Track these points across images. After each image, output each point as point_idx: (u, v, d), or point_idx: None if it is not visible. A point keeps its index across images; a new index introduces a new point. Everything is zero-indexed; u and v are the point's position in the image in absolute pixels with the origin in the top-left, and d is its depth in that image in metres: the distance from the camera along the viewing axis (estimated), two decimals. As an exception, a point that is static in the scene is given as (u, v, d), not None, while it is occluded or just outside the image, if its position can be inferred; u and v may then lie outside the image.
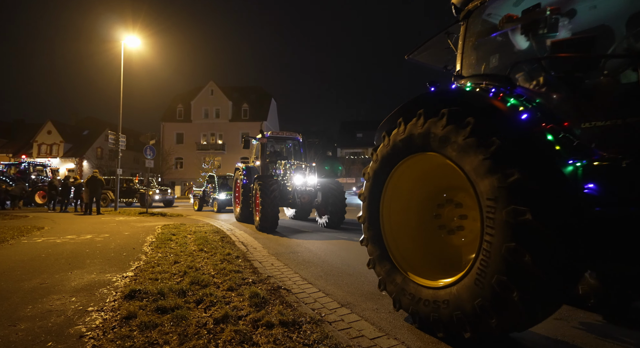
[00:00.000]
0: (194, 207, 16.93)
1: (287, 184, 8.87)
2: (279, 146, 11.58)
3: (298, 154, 10.88)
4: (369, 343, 2.33)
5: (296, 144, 11.06)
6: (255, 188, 8.55)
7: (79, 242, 6.21)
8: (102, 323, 2.55)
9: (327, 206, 8.85)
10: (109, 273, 3.99)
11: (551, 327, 2.60)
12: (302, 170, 8.79)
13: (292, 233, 7.95)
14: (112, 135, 14.52)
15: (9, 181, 16.43)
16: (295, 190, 8.63)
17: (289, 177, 8.89)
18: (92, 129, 41.92)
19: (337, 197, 8.71)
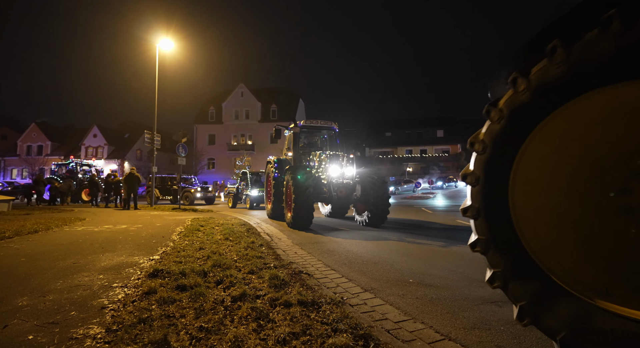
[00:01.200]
0: (228, 204, 16.95)
1: (321, 177, 7.86)
2: (312, 137, 10.28)
3: (334, 145, 9.63)
4: (393, 326, 2.15)
5: (332, 134, 9.82)
6: (287, 180, 7.67)
7: (114, 230, 6.50)
8: (124, 297, 2.57)
9: (367, 201, 7.69)
10: (137, 256, 4.09)
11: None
12: (339, 161, 7.76)
13: (327, 231, 7.08)
14: (148, 135, 15.23)
15: (59, 179, 17.81)
16: (331, 183, 7.65)
17: (324, 169, 7.85)
18: (132, 131, 44.60)
19: (379, 190, 7.57)
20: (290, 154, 9.25)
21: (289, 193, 7.67)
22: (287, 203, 7.79)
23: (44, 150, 43.89)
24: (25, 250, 4.44)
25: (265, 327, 2.06)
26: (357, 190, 7.76)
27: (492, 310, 2.45)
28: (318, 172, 8.00)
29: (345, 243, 5.49)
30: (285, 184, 7.83)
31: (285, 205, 7.89)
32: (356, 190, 7.76)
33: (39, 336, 1.92)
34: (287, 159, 9.57)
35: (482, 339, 1.98)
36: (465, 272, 3.59)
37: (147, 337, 1.85)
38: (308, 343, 1.86)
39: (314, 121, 9.36)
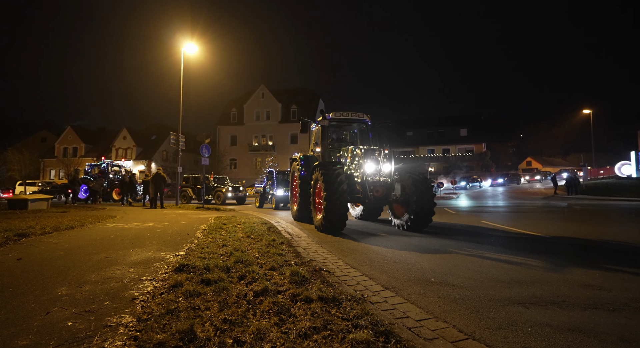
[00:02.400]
0: (255, 204, 16.58)
1: (354, 174, 6.97)
2: (342, 131, 9.38)
3: (366, 140, 8.70)
4: (414, 324, 2.12)
5: (363, 128, 8.82)
6: (316, 177, 6.76)
7: (143, 227, 6.80)
8: (153, 289, 2.69)
9: (409, 202, 6.62)
10: (163, 252, 4.26)
11: None
12: (375, 156, 6.88)
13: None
14: (173, 136, 15.78)
15: (92, 179, 18.80)
16: (366, 182, 6.72)
17: (357, 165, 6.97)
18: (159, 133, 46.35)
19: (422, 189, 6.47)
20: (319, 150, 8.23)
21: (318, 193, 6.89)
22: (316, 205, 7.01)
23: (79, 152, 46.44)
24: (63, 245, 4.73)
25: (286, 321, 2.10)
26: (396, 190, 6.70)
27: (518, 311, 2.37)
28: (350, 168, 7.12)
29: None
30: (313, 183, 7.07)
31: (313, 206, 7.08)
32: (395, 190, 6.71)
33: (77, 323, 2.05)
34: (315, 155, 8.59)
35: (509, 340, 1.93)
36: (490, 272, 3.48)
37: (174, 326, 1.93)
38: (329, 338, 1.87)
39: (344, 113, 8.14)
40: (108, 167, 20.35)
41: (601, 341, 1.92)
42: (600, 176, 38.33)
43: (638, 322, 2.20)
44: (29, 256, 4.00)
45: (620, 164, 34.87)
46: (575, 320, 2.22)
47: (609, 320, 2.22)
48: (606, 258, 4.18)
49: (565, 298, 2.65)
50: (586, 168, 27.94)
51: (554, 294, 2.75)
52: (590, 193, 22.05)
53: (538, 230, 6.69)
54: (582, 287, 2.97)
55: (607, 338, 1.95)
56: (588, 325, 2.14)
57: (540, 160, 56.98)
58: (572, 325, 2.13)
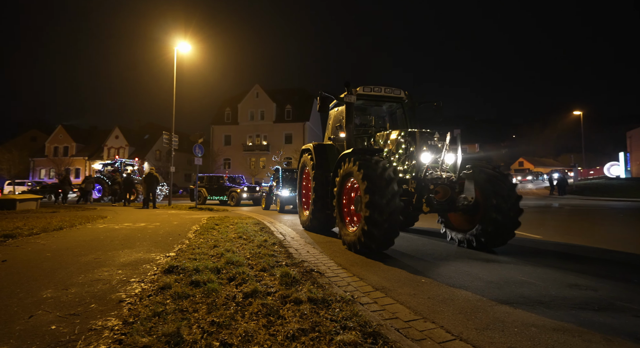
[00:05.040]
0: (262, 204, 15.20)
1: (399, 168, 5.05)
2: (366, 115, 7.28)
3: (402, 123, 6.68)
4: (403, 325, 2.13)
5: (397, 110, 6.82)
6: (347, 172, 4.80)
7: (134, 228, 6.72)
8: (141, 292, 2.66)
9: (482, 207, 4.65)
10: (153, 253, 4.22)
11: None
12: (433, 141, 4.93)
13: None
14: (166, 136, 15.65)
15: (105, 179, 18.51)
16: (422, 178, 4.63)
17: (404, 155, 5.04)
18: (152, 133, 45.92)
19: (504, 189, 4.56)
20: (343, 135, 6.08)
21: (348, 194, 5.06)
22: (344, 212, 5.08)
23: (70, 151, 45.79)
24: (50, 246, 4.66)
25: (275, 323, 2.09)
26: (466, 191, 4.68)
27: (506, 311, 2.39)
28: (391, 161, 5.19)
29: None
30: (340, 180, 5.05)
31: (340, 213, 5.08)
32: (465, 190, 4.69)
33: (61, 326, 2.02)
34: (336, 144, 6.62)
35: (495, 340, 1.94)
36: (480, 273, 3.51)
37: (161, 329, 1.91)
38: (316, 340, 1.87)
39: (376, 88, 6.20)
40: (121, 165, 20.04)
41: (585, 340, 1.94)
42: (591, 176, 38.96)
43: (622, 321, 2.24)
44: (15, 258, 3.92)
45: (609, 165, 35.50)
46: (561, 320, 2.24)
47: (594, 320, 2.25)
48: (595, 259, 4.24)
49: (552, 299, 2.68)
50: (576, 168, 28.37)
51: (541, 294, 2.78)
52: (580, 193, 22.39)
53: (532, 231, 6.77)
54: (569, 287, 3.00)
55: (592, 338, 1.98)
56: (573, 324, 2.17)
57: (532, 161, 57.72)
58: (558, 325, 2.15)
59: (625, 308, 2.47)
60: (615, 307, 2.50)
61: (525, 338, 1.96)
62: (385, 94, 6.32)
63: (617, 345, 1.90)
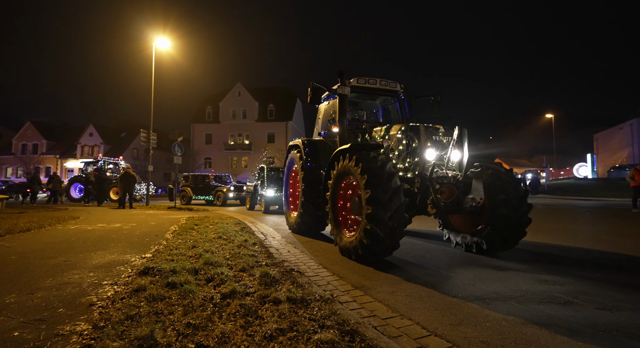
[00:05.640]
0: (246, 205, 14.74)
1: (398, 166, 4.63)
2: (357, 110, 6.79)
3: (397, 118, 6.29)
4: (380, 323, 2.16)
5: (391, 104, 6.49)
6: (344, 169, 4.26)
7: (108, 229, 6.48)
8: (113, 294, 2.57)
9: (493, 206, 4.23)
10: (129, 255, 4.08)
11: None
12: (438, 136, 4.55)
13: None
14: (144, 134, 15.19)
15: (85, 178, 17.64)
16: (427, 179, 4.21)
17: (406, 151, 4.62)
18: (129, 131, 44.41)
19: (513, 188, 4.23)
20: (336, 130, 5.68)
21: (344, 195, 4.59)
22: (340, 215, 4.58)
23: (39, 149, 43.61)
24: (16, 249, 4.42)
25: (253, 323, 2.07)
26: (474, 191, 4.23)
27: (480, 307, 2.47)
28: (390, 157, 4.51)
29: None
30: (335, 178, 4.53)
31: (334, 214, 4.58)
32: (473, 191, 4.24)
33: (25, 333, 1.92)
34: (327, 141, 6.27)
35: (467, 335, 2.00)
36: (456, 270, 3.61)
37: (133, 333, 1.85)
38: (294, 339, 1.86)
39: (371, 80, 5.79)
40: (105, 164, 19.18)
41: (551, 332, 2.04)
42: (561, 177, 40.87)
43: (584, 313, 2.36)
44: (-24, 261, 3.69)
45: (578, 166, 37.34)
46: (530, 314, 2.34)
47: (560, 313, 2.36)
48: (563, 256, 4.45)
49: (522, 293, 2.79)
50: (548, 169, 29.72)
51: (513, 290, 2.90)
52: (551, 193, 23.47)
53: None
54: (538, 282, 3.14)
55: (557, 330, 2.07)
56: (541, 318, 2.27)
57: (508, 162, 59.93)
58: (527, 319, 2.25)
59: (588, 301, 2.61)
60: (579, 300, 2.63)
61: (496, 333, 2.03)
62: (380, 86, 5.91)
63: (580, 336, 2.01)
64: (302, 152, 6.11)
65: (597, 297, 2.70)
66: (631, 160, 33.48)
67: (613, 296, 2.73)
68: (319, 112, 6.75)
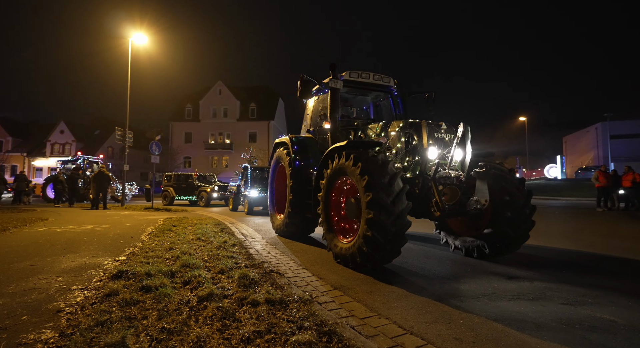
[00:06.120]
0: (229, 206, 14.29)
1: (396, 164, 4.29)
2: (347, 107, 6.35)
3: (390, 115, 6.02)
4: (358, 322, 2.19)
5: (383, 100, 6.20)
6: (340, 168, 3.93)
7: (79, 231, 6.20)
8: (83, 300, 2.46)
9: (496, 210, 3.97)
10: (101, 258, 3.93)
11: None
12: (440, 134, 4.23)
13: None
14: (119, 132, 14.63)
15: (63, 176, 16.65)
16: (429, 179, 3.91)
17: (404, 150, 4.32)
18: (104, 128, 42.69)
19: (516, 189, 4.00)
20: (328, 126, 5.27)
21: (338, 196, 4.26)
22: (334, 218, 4.23)
23: (4, 147, 41.20)
24: (-24, 253, 4.15)
25: (230, 327, 2.04)
26: (478, 192, 3.98)
27: (454, 305, 2.55)
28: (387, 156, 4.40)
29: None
30: (328, 178, 4.17)
31: (328, 219, 4.22)
32: (477, 192, 3.99)
33: (-16, 342, 1.81)
34: (317, 138, 5.89)
35: (442, 332, 2.06)
36: (434, 269, 3.70)
37: (103, 339, 1.79)
38: (272, 341, 1.86)
39: (364, 74, 5.47)
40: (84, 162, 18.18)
41: (520, 328, 2.13)
42: (533, 177, 42.67)
43: (550, 309, 2.48)
44: None
45: (549, 167, 39.13)
46: (500, 310, 2.44)
47: (528, 309, 2.47)
48: (532, 254, 4.65)
49: (494, 290, 2.90)
50: (521, 170, 30.98)
51: (485, 287, 3.00)
52: (524, 193, 24.43)
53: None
54: (509, 279, 3.27)
55: (525, 326, 2.17)
56: (510, 314, 2.37)
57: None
58: (498, 315, 2.34)
59: (554, 296, 2.75)
60: (546, 296, 2.77)
61: (469, 329, 2.10)
62: (374, 81, 5.59)
63: (545, 330, 2.11)
64: (290, 150, 5.72)
65: (562, 293, 2.84)
66: (596, 161, 35.45)
67: (577, 291, 2.89)
68: (307, 107, 6.36)
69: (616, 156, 33.35)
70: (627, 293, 2.87)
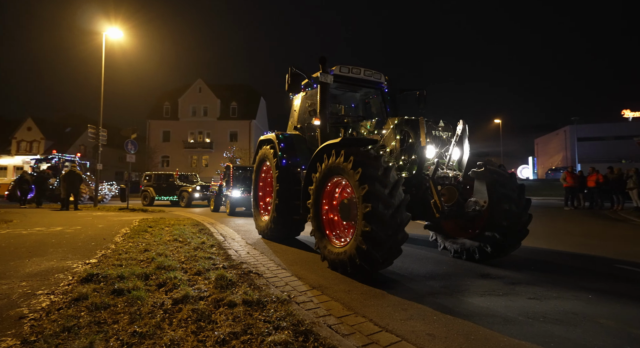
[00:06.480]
0: (210, 206, 13.79)
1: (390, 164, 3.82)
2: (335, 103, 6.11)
3: (379, 113, 5.81)
4: (335, 321, 2.21)
5: (372, 98, 5.98)
6: (335, 167, 3.66)
7: (47, 233, 5.91)
8: (49, 305, 2.35)
9: (493, 213, 3.84)
10: (70, 261, 3.76)
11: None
12: (437, 132, 4.04)
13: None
14: (91, 129, 14.04)
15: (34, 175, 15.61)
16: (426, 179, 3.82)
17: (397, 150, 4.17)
18: (76, 126, 40.75)
19: (512, 190, 3.90)
20: (317, 122, 5.00)
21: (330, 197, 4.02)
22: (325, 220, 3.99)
23: (-35, 144, 38.57)
24: None
25: (205, 329, 2.01)
26: (476, 194, 3.81)
27: (429, 302, 2.62)
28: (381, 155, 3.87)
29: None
30: (320, 179, 3.92)
31: (318, 222, 3.96)
32: (476, 193, 3.82)
33: (-63, 353, 1.70)
34: (305, 135, 5.69)
35: (416, 329, 2.11)
36: (410, 267, 3.79)
37: (70, 346, 1.72)
38: (248, 343, 1.84)
39: (355, 69, 5.29)
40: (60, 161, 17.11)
41: (489, 323, 2.22)
42: (507, 178, 44.41)
43: (518, 304, 2.60)
44: None
45: (521, 168, 40.83)
46: (472, 306, 2.53)
47: (498, 304, 2.58)
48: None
49: (467, 287, 3.00)
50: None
51: (459, 284, 3.10)
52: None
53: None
54: (481, 276, 3.40)
55: (494, 320, 2.26)
56: (481, 309, 2.46)
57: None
58: (469, 311, 2.43)
59: (522, 292, 2.88)
60: (514, 291, 2.90)
61: (442, 325, 2.17)
62: (364, 76, 5.40)
63: (513, 324, 2.21)
64: (276, 148, 5.39)
65: (530, 288, 2.98)
66: (565, 163, 37.34)
67: (543, 287, 3.04)
68: (294, 104, 6.09)
69: (583, 157, 35.26)
70: (588, 288, 3.05)
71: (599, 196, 12.85)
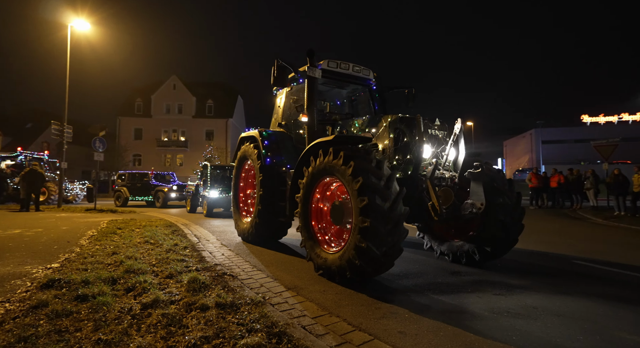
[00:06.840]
0: (187, 207, 13.19)
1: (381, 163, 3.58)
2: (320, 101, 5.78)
3: (366, 111, 5.66)
4: (310, 322, 2.22)
5: (360, 95, 5.83)
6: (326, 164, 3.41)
7: (3, 236, 5.51)
8: (3, 314, 2.19)
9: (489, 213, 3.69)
10: (29, 266, 3.53)
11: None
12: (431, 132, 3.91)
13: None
14: (55, 126, 13.24)
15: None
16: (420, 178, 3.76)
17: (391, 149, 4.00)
18: (38, 121, 38.23)
19: (508, 195, 3.80)
20: (305, 119, 4.76)
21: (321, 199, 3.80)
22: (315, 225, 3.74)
23: None
24: None
25: (175, 334, 1.95)
26: (473, 195, 3.64)
27: (402, 300, 2.69)
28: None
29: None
30: (309, 178, 3.66)
31: (307, 226, 3.68)
32: (472, 195, 3.65)
33: None
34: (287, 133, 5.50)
35: (388, 327, 2.16)
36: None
37: (26, 357, 1.61)
38: (220, 346, 1.81)
39: (343, 64, 5.08)
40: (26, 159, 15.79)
41: (458, 319, 2.31)
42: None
43: (485, 299, 2.73)
44: None
45: (492, 169, 42.55)
46: (442, 304, 2.62)
47: (467, 301, 2.69)
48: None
49: (439, 285, 3.11)
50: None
51: (431, 282, 3.21)
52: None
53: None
54: (452, 274, 3.53)
55: (463, 316, 2.36)
56: (451, 306, 2.56)
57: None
58: (441, 308, 2.51)
59: (488, 288, 3.02)
60: (481, 288, 3.03)
61: (413, 323, 2.24)
62: (353, 72, 5.18)
63: (479, 319, 2.32)
64: (260, 146, 5.10)
65: (496, 285, 3.13)
66: (531, 164, 39.42)
67: (508, 283, 3.20)
68: (279, 99, 5.83)
69: (547, 159, 37.39)
70: (548, 283, 3.25)
71: (560, 196, 13.67)
